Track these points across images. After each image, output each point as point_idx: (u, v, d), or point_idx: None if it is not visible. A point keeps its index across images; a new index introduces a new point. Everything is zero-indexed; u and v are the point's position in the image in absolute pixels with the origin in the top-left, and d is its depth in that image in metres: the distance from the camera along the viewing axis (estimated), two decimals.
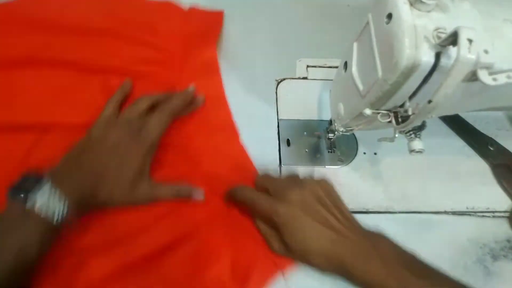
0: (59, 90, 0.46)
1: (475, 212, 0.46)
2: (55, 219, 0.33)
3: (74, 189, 0.35)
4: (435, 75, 0.27)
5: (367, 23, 0.32)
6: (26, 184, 0.33)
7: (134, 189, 0.39)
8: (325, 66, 0.54)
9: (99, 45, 0.49)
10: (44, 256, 0.34)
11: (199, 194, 0.41)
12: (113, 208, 0.39)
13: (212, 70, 0.50)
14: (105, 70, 0.48)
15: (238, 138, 0.47)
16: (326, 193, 0.38)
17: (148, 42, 0.50)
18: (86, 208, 0.37)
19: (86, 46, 0.48)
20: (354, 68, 0.35)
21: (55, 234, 0.34)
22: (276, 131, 0.49)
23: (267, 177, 0.43)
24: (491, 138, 0.50)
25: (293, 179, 0.40)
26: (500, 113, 0.53)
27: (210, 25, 0.53)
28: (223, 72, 0.52)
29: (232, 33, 0.55)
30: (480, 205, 0.46)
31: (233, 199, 0.41)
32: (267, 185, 0.40)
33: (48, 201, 0.33)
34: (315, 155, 0.48)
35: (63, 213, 0.33)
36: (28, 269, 0.33)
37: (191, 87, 0.47)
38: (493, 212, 0.46)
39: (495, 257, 0.43)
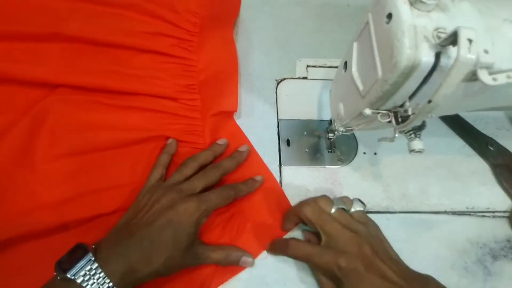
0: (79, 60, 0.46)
1: (475, 212, 0.46)
2: None
3: (122, 266, 0.34)
4: (435, 75, 0.27)
5: (367, 23, 0.31)
6: (73, 259, 0.33)
7: (187, 255, 0.37)
8: (325, 66, 0.54)
9: (121, 18, 0.48)
10: None
11: (248, 262, 0.40)
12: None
13: (229, 52, 0.50)
14: (123, 44, 0.47)
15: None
16: (379, 242, 0.38)
17: (169, 19, 0.49)
18: (137, 281, 0.35)
19: (109, 17, 0.48)
20: (354, 68, 0.35)
21: None
22: (276, 131, 0.49)
23: (312, 209, 0.39)
24: (491, 138, 0.50)
25: (346, 222, 0.39)
26: (500, 113, 0.53)
27: (228, 8, 0.53)
28: None
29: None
30: (480, 205, 0.46)
31: (283, 253, 0.40)
32: (314, 220, 0.38)
33: (88, 279, 0.32)
34: (315, 155, 0.48)
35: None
36: None
37: (244, 147, 0.46)
38: (493, 212, 0.46)
39: (495, 257, 0.44)
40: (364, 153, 0.49)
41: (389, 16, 0.27)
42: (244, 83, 0.51)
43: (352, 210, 0.40)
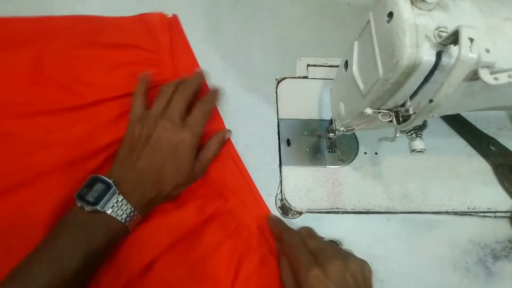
0: None
1: (476, 212, 0.46)
2: (123, 221, 0.36)
3: (140, 196, 0.38)
4: (436, 74, 0.27)
5: (368, 22, 0.31)
6: (93, 191, 0.36)
7: (190, 176, 0.42)
8: (326, 65, 0.54)
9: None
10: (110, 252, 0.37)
11: (229, 134, 0.47)
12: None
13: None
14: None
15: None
16: (363, 279, 0.36)
17: (135, 45, 0.50)
18: (151, 206, 0.40)
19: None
20: (354, 67, 0.35)
21: (121, 234, 0.37)
22: (276, 131, 0.49)
23: (307, 232, 0.41)
24: (492, 137, 0.49)
25: (337, 248, 0.40)
26: (501, 113, 0.53)
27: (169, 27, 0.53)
28: (223, 71, 0.52)
29: (232, 32, 0.55)
30: (482, 205, 0.46)
31: (272, 228, 0.42)
32: (305, 238, 0.39)
33: (117, 210, 0.36)
34: (315, 155, 0.48)
35: (130, 216, 0.37)
36: (95, 262, 0.36)
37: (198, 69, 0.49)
38: (494, 212, 0.46)
39: (496, 258, 0.43)
40: (365, 153, 0.48)
41: (390, 15, 0.27)
42: (244, 83, 0.51)
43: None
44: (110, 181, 0.36)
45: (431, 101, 0.26)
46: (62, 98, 0.45)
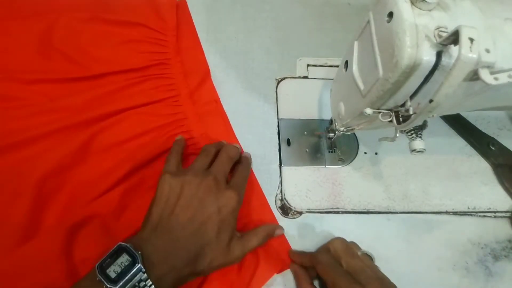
0: None
1: (476, 212, 0.46)
2: None
3: (169, 273, 0.33)
4: (436, 74, 0.27)
5: (368, 22, 0.31)
6: (117, 264, 0.32)
7: (229, 251, 0.36)
8: (326, 65, 0.54)
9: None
10: None
11: (280, 230, 0.42)
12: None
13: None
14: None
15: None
16: None
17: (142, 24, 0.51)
18: (178, 284, 0.35)
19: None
20: (355, 67, 0.35)
21: None
22: (276, 131, 0.49)
23: (344, 249, 0.39)
24: (492, 137, 0.49)
25: (375, 269, 0.37)
26: (501, 113, 0.53)
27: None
28: (223, 71, 0.52)
29: (232, 32, 0.55)
30: (482, 205, 0.46)
31: (300, 259, 0.41)
32: (341, 255, 0.37)
33: (138, 285, 0.32)
34: (315, 155, 0.48)
35: None
36: None
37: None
38: (494, 212, 0.46)
39: (496, 258, 0.43)
40: (365, 153, 0.48)
41: (390, 15, 0.27)
42: (244, 82, 0.51)
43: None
44: (137, 255, 0.32)
45: (431, 101, 0.26)
46: (67, 68, 0.46)
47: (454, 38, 0.24)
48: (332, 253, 0.38)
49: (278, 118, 0.50)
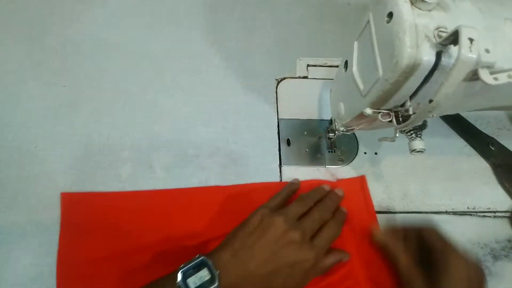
0: None
1: (476, 212, 0.46)
2: None
3: None
4: (436, 74, 0.27)
5: (368, 22, 0.31)
6: (197, 277, 0.33)
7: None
8: (326, 65, 0.54)
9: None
10: None
11: (346, 257, 0.41)
12: None
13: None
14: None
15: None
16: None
17: None
18: None
19: None
20: (354, 68, 0.35)
21: None
22: (276, 131, 0.49)
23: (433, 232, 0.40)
24: (492, 137, 0.50)
25: (460, 254, 0.38)
26: (501, 113, 0.53)
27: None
28: (223, 71, 0.52)
29: (232, 32, 0.55)
30: (481, 205, 0.46)
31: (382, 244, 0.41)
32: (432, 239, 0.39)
33: None
34: (315, 155, 0.48)
35: None
36: None
37: (340, 191, 0.44)
38: (494, 212, 0.46)
39: (496, 257, 0.43)
40: (365, 153, 0.48)
41: (390, 15, 0.27)
42: (244, 83, 0.51)
43: None
44: (217, 276, 0.33)
45: (431, 101, 0.26)
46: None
47: (454, 38, 0.24)
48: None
49: (278, 118, 0.50)
